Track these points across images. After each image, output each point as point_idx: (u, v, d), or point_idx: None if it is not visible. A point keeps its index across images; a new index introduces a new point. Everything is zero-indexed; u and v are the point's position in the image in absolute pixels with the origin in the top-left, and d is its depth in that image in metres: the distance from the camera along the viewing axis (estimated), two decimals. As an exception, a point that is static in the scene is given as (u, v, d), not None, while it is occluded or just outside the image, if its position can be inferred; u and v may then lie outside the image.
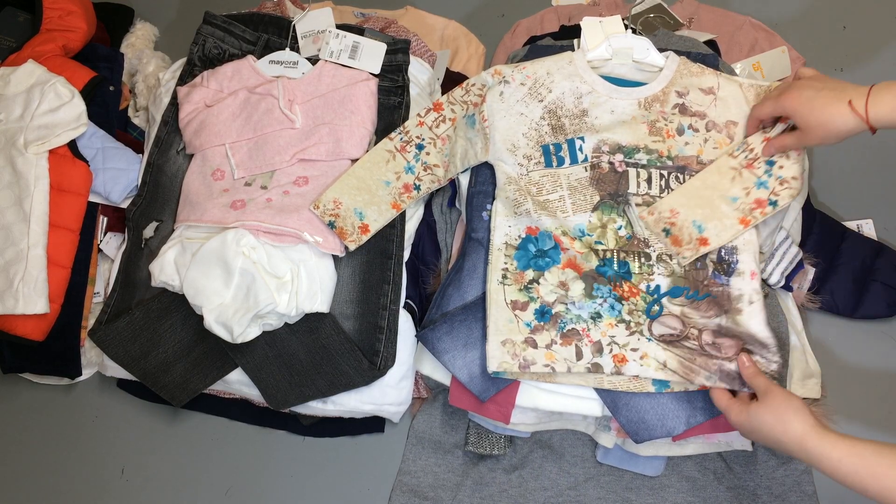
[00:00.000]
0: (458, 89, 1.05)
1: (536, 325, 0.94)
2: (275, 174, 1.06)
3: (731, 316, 0.92)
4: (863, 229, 1.12)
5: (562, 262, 0.96)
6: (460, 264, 1.02)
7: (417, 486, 1.04)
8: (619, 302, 0.94)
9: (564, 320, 0.94)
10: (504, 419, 0.98)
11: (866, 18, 1.31)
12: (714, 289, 0.93)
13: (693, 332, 0.92)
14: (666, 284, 0.94)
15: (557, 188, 0.99)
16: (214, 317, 0.95)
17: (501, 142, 1.01)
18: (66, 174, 1.08)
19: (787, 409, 0.78)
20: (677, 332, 0.92)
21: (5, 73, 1.11)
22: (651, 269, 0.95)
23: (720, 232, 0.93)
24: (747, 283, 0.93)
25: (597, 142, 1.00)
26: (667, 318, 0.93)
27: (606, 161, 0.99)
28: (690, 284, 0.94)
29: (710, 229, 0.94)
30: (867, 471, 0.71)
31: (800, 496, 0.98)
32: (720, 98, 1.00)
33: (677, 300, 0.93)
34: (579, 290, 0.95)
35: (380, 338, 1.00)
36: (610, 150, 0.99)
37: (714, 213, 0.94)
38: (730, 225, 0.93)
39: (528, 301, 0.95)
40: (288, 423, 1.10)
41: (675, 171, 0.98)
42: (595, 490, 1.02)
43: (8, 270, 1.03)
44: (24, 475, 1.11)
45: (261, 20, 1.18)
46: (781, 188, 0.93)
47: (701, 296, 0.93)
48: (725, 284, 0.93)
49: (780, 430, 0.77)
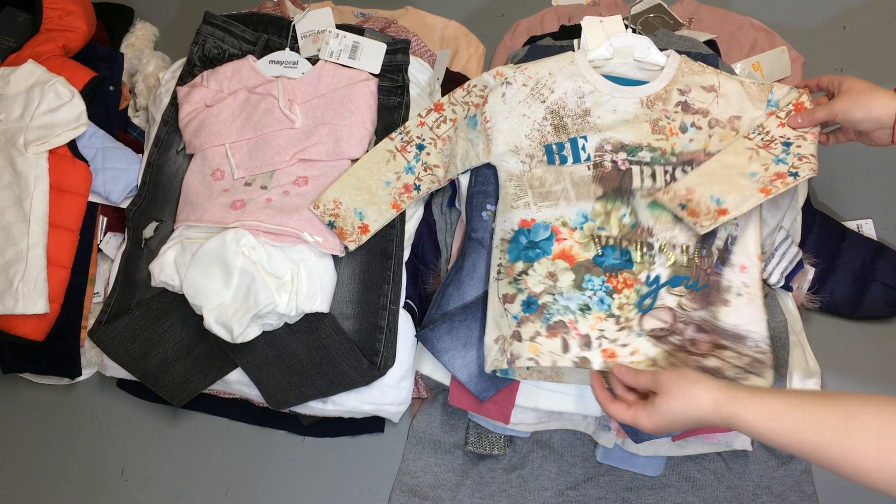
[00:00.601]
0: (460, 90, 1.05)
1: (523, 317, 0.92)
2: (275, 174, 1.06)
3: (713, 308, 0.92)
4: (863, 229, 1.12)
5: (552, 253, 0.95)
6: (460, 264, 1.02)
7: (417, 486, 1.04)
8: (609, 296, 0.93)
9: (551, 311, 0.92)
10: (504, 419, 0.98)
11: (866, 18, 1.31)
12: (712, 278, 0.93)
13: (680, 326, 0.91)
14: (666, 275, 0.94)
15: (560, 180, 0.99)
16: (214, 317, 0.95)
17: (504, 143, 1.01)
18: (66, 174, 1.08)
19: (687, 385, 0.74)
20: (667, 325, 0.91)
21: (5, 73, 1.11)
22: (653, 259, 0.95)
23: (740, 202, 0.91)
24: (736, 275, 0.93)
25: (599, 141, 1.00)
26: (659, 311, 0.92)
27: (609, 160, 0.99)
28: (692, 273, 0.94)
29: (728, 201, 0.92)
30: (781, 427, 0.67)
31: (800, 496, 0.98)
32: (722, 95, 1.00)
33: (676, 290, 0.93)
34: (568, 281, 0.94)
35: (380, 338, 1.00)
36: (613, 148, 0.99)
37: (733, 187, 0.92)
38: (749, 195, 0.92)
39: (516, 293, 0.94)
40: (288, 423, 1.10)
41: (681, 166, 0.98)
42: (595, 490, 1.02)
43: (8, 270, 1.03)
44: (24, 475, 1.11)
45: (261, 20, 1.18)
46: (801, 162, 0.92)
47: (700, 286, 0.93)
48: (720, 274, 0.94)
49: (693, 409, 0.73)
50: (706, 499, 1.00)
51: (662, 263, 0.94)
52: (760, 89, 0.99)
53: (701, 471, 1.02)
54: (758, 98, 0.99)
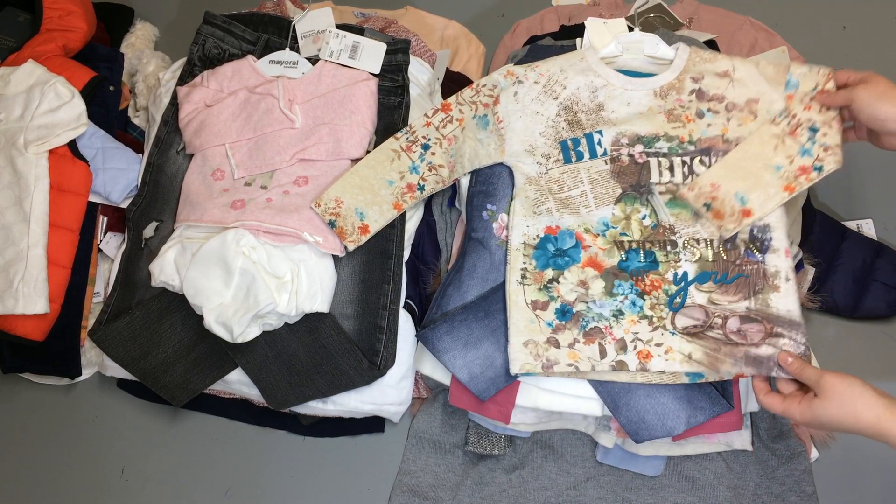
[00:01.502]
0: (468, 90, 1.04)
1: (558, 325, 0.93)
2: (275, 174, 1.06)
3: (762, 296, 0.91)
4: (863, 229, 1.13)
5: (582, 261, 0.96)
6: (460, 264, 1.02)
7: (417, 486, 1.04)
8: (640, 297, 0.93)
9: (586, 319, 0.93)
10: (504, 419, 0.98)
11: (866, 18, 1.31)
12: (747, 268, 0.93)
13: (717, 321, 0.91)
14: (693, 270, 0.94)
15: (578, 184, 0.99)
16: (214, 317, 0.95)
17: (519, 143, 1.01)
18: (66, 174, 1.08)
19: (851, 397, 0.76)
20: (700, 322, 0.92)
21: (5, 73, 1.11)
22: (678, 256, 0.95)
23: (764, 202, 0.92)
24: (782, 260, 0.92)
25: (615, 135, 1.00)
26: (690, 310, 0.92)
27: (626, 154, 0.99)
28: (719, 268, 0.93)
29: (752, 200, 0.93)
30: None
31: (800, 496, 0.98)
32: (737, 79, 0.99)
33: (705, 286, 0.93)
34: (599, 289, 0.95)
35: (380, 338, 1.00)
36: (629, 141, 0.99)
37: (757, 184, 0.93)
38: (773, 193, 0.92)
39: (548, 300, 0.95)
40: (288, 423, 1.10)
41: (699, 155, 0.98)
42: (595, 490, 1.02)
43: (8, 270, 1.03)
44: (24, 475, 1.11)
45: (261, 20, 1.18)
46: (826, 154, 0.92)
47: (731, 278, 0.92)
48: (760, 262, 0.93)
49: (852, 421, 0.76)
50: (706, 499, 1.00)
51: (688, 259, 0.94)
52: (777, 70, 0.98)
53: (701, 471, 1.02)
54: (775, 80, 0.98)
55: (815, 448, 1.01)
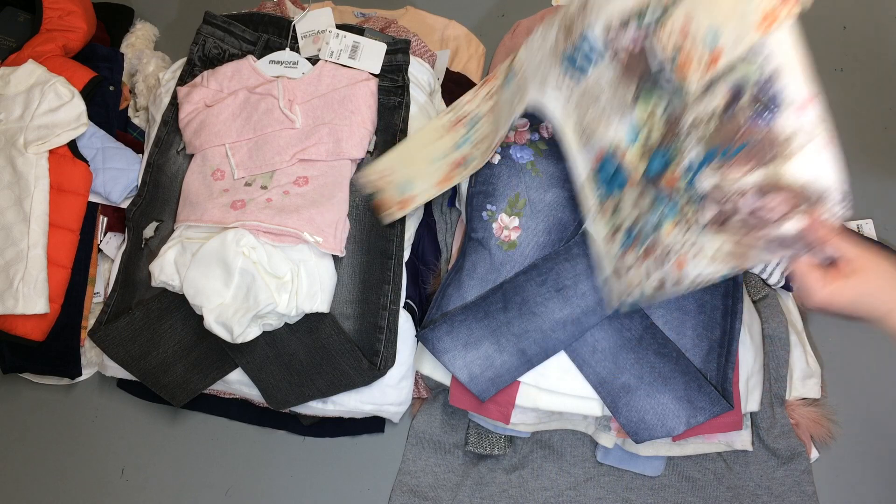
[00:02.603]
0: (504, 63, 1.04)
1: (621, 254, 0.93)
2: (275, 174, 1.06)
3: (772, 167, 0.74)
4: (863, 229, 1.12)
5: (628, 180, 0.92)
6: (460, 264, 1.02)
7: (417, 486, 1.04)
8: (670, 199, 0.86)
9: (642, 240, 0.90)
10: (504, 419, 0.98)
11: (866, 18, 1.31)
12: (754, 136, 0.75)
13: (734, 201, 0.78)
14: (698, 153, 0.81)
15: (595, 101, 0.93)
16: (214, 317, 0.95)
17: (540, 83, 0.97)
18: (66, 174, 1.08)
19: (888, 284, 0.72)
20: (719, 210, 0.80)
21: (5, 73, 1.11)
22: (684, 146, 0.83)
23: (738, 37, 0.73)
24: (799, 116, 0.71)
25: (604, 26, 0.88)
26: (707, 199, 0.81)
27: (622, 47, 0.88)
28: (721, 140, 0.78)
29: (726, 34, 0.74)
30: None
31: (800, 496, 0.98)
32: None
33: (713, 165, 0.79)
34: (647, 203, 0.89)
35: (380, 338, 1.00)
36: (621, 23, 0.86)
37: (733, 15, 0.73)
38: (749, 25, 0.72)
39: (614, 231, 0.94)
40: (288, 423, 1.10)
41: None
42: (595, 490, 1.02)
43: (8, 270, 1.03)
44: (24, 475, 1.11)
45: (261, 20, 1.18)
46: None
47: (735, 150, 0.77)
48: (768, 126, 0.74)
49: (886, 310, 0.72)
50: (706, 499, 1.00)
51: (692, 144, 0.82)
52: None
53: (701, 471, 1.02)
54: None
55: (815, 448, 1.01)
